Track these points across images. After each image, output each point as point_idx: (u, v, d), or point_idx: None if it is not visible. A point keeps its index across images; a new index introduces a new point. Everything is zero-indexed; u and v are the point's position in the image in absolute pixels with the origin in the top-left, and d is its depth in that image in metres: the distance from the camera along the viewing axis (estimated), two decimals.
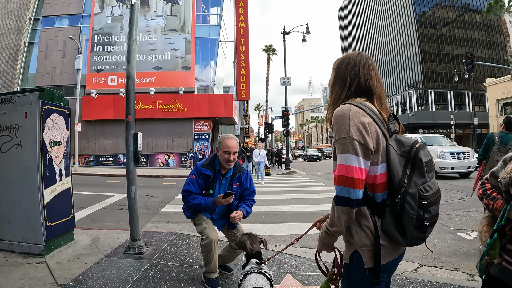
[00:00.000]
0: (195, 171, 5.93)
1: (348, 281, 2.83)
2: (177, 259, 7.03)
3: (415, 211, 2.55)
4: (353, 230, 2.71)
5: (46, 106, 7.17)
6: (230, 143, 5.79)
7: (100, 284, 5.65)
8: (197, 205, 5.74)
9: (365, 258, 2.67)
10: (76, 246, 7.68)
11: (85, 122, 40.05)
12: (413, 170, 2.63)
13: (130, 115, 7.33)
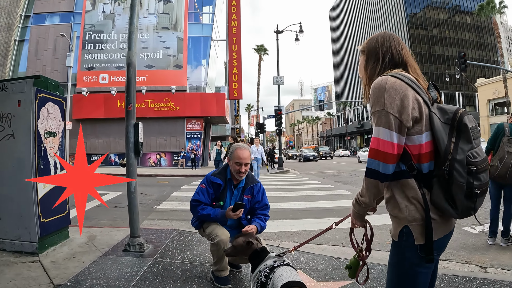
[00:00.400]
0: (205, 180, 5.65)
1: (398, 259, 2.72)
2: (181, 256, 6.66)
3: (465, 178, 2.45)
4: (401, 204, 2.61)
5: (41, 94, 6.79)
6: (242, 154, 5.53)
7: (100, 284, 5.24)
8: (205, 216, 5.43)
9: (416, 234, 2.57)
10: (72, 244, 7.27)
11: (75, 121, 39.39)
12: (459, 136, 2.53)
13: (130, 104, 6.99)
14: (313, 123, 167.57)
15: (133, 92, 7.09)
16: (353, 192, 16.38)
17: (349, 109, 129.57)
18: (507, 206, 7.51)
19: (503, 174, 7.22)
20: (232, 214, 5.20)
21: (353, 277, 3.23)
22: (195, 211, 5.51)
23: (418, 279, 2.65)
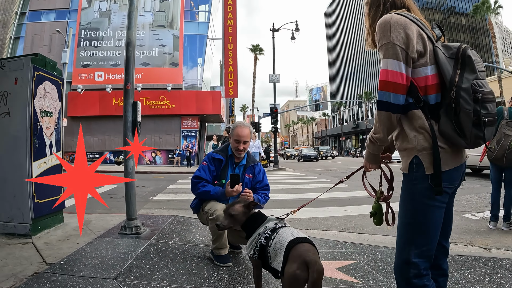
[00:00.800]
0: (207, 158, 5.60)
1: (409, 193, 2.73)
2: (179, 238, 6.52)
3: (471, 106, 2.47)
4: (410, 135, 2.66)
5: (39, 72, 6.67)
6: (241, 132, 5.49)
7: (95, 262, 5.09)
8: (205, 193, 5.29)
9: (426, 164, 2.59)
10: (66, 227, 7.12)
11: (70, 118, 39.16)
12: (464, 67, 2.56)
13: (129, 83, 6.90)
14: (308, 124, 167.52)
15: (132, 71, 7.00)
16: (350, 185, 16.30)
17: (344, 109, 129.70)
18: (508, 190, 7.48)
19: (500, 157, 7.24)
20: (230, 190, 5.09)
21: (380, 223, 3.15)
22: (195, 188, 5.37)
23: (430, 213, 2.64)
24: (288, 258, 3.13)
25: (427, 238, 2.67)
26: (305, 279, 2.99)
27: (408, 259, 2.67)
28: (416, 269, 2.65)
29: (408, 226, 2.71)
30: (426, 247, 2.67)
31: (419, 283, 2.65)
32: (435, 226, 2.68)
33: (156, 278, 4.53)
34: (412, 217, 2.69)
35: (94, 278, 4.43)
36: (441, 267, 2.95)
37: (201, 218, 5.56)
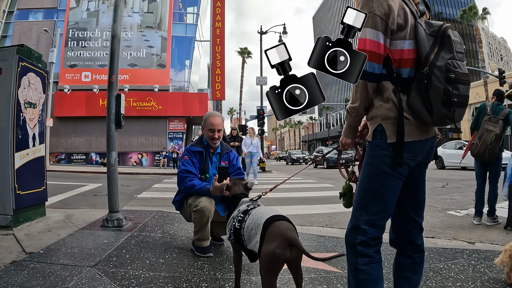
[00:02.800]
0: (186, 152, 5.53)
1: (370, 158, 2.74)
2: (161, 231, 6.50)
3: (443, 84, 2.47)
4: (376, 103, 2.68)
5: (24, 63, 6.64)
6: (214, 121, 5.51)
7: (75, 252, 5.05)
8: (191, 187, 5.20)
9: (389, 132, 2.61)
10: (48, 221, 7.05)
11: (57, 119, 38.82)
12: (442, 46, 2.57)
13: (113, 75, 6.90)
14: (295, 128, 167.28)
15: (116, 64, 6.99)
16: (334, 185, 16.35)
17: (331, 113, 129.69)
18: (492, 185, 7.56)
19: (482, 152, 7.30)
20: (219, 185, 4.82)
21: (349, 205, 3.10)
22: (182, 182, 5.28)
23: (386, 181, 2.65)
24: (265, 238, 3.04)
25: (379, 206, 2.67)
26: (285, 258, 2.93)
27: (358, 225, 2.68)
28: (364, 236, 2.65)
29: (363, 191, 2.72)
30: (377, 215, 2.67)
31: (364, 252, 2.64)
32: (390, 195, 2.68)
33: (135, 266, 4.50)
34: (369, 182, 2.70)
35: (73, 266, 4.41)
36: (415, 242, 2.93)
37: (185, 212, 5.49)
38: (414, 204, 2.91)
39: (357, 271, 2.65)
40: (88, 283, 3.87)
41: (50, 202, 9.62)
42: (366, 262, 2.64)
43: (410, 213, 2.91)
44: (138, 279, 4.06)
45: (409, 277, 2.91)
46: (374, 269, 2.65)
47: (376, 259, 2.67)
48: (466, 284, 4.14)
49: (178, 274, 4.33)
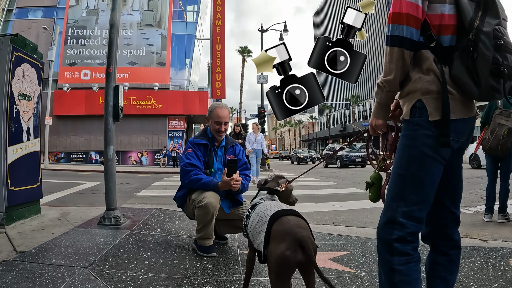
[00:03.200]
0: (189, 144, 5.16)
1: (408, 139, 2.39)
2: (160, 229, 6.17)
3: (491, 52, 2.15)
4: (415, 77, 2.34)
5: (18, 53, 6.34)
6: (221, 113, 5.17)
7: (68, 251, 4.72)
8: (197, 181, 4.84)
9: (430, 108, 2.28)
10: (43, 219, 6.72)
11: (56, 117, 38.61)
12: (486, 11, 2.25)
13: (111, 65, 6.61)
14: (295, 127, 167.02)
15: (115, 54, 6.73)
16: (338, 183, 16.08)
17: (331, 112, 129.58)
18: (504, 181, 7.30)
19: (495, 146, 7.01)
20: (227, 179, 4.70)
21: (376, 198, 2.77)
22: (187, 176, 4.90)
23: (428, 165, 2.31)
24: (271, 237, 2.66)
25: (420, 195, 2.34)
26: (297, 261, 2.48)
27: (394, 218, 2.36)
28: (401, 231, 2.32)
29: (400, 178, 2.39)
30: (417, 206, 2.34)
31: (402, 249, 2.31)
32: (431, 182, 2.35)
33: (133, 267, 4.17)
34: (407, 167, 2.37)
35: (65, 267, 4.08)
36: (452, 237, 2.60)
37: (187, 209, 5.10)
38: (451, 194, 2.57)
39: (392, 272, 2.33)
40: (80, 285, 3.55)
41: (47, 200, 9.39)
42: (404, 261, 2.31)
43: (447, 204, 2.57)
44: (136, 280, 3.73)
45: (445, 277, 2.57)
46: (412, 269, 2.32)
47: (415, 257, 2.34)
48: (489, 283, 3.88)
49: (179, 275, 3.99)
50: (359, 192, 12.86)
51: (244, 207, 5.15)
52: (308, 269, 2.60)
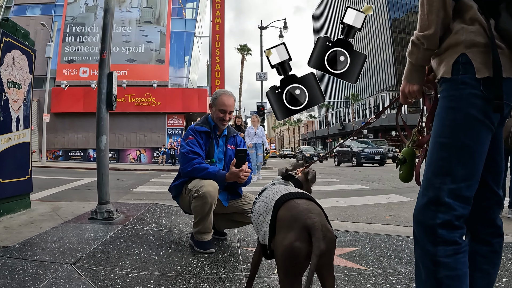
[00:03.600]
0: (190, 132, 4.80)
1: (451, 101, 1.98)
2: (156, 224, 5.82)
3: None
4: (456, 27, 1.98)
5: (8, 38, 6.01)
6: (227, 101, 4.84)
7: (55, 246, 4.38)
8: (202, 169, 4.48)
9: (477, 64, 1.89)
10: (32, 213, 6.39)
11: (54, 115, 38.42)
12: None
13: (105, 51, 6.32)
14: (294, 126, 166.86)
15: (109, 39, 6.44)
16: (340, 180, 15.78)
17: (331, 111, 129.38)
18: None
19: (505, 139, 6.71)
20: (236, 170, 4.38)
21: (407, 178, 2.41)
22: (190, 163, 4.54)
23: (476, 132, 1.93)
24: (277, 225, 2.22)
25: (469, 168, 1.93)
26: (308, 252, 1.99)
27: (438, 197, 1.94)
28: (447, 214, 1.92)
29: (444, 148, 1.99)
30: (466, 182, 1.93)
31: (448, 237, 1.91)
32: (481, 152, 1.95)
33: (123, 264, 3.81)
34: (451, 134, 1.96)
35: (49, 263, 3.72)
36: (495, 223, 2.19)
37: (183, 201, 4.75)
38: (494, 171, 2.17)
39: (436, 266, 1.91)
40: (63, 283, 3.19)
41: (40, 196, 9.06)
42: (451, 252, 1.90)
43: (489, 183, 2.15)
44: (124, 279, 3.36)
45: (487, 271, 2.16)
46: (460, 261, 1.91)
47: (463, 247, 1.93)
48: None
49: (173, 273, 3.63)
50: (362, 188, 12.63)
51: (243, 199, 4.83)
52: (323, 263, 2.07)
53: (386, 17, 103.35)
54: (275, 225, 2.23)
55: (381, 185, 13.59)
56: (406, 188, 11.33)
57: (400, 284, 3.35)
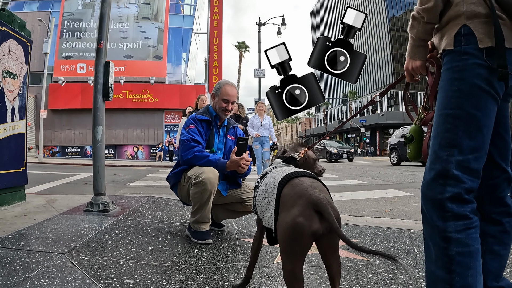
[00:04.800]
0: (191, 120, 4.73)
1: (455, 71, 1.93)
2: (152, 216, 5.73)
3: None
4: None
5: (3, 28, 5.94)
6: (231, 91, 4.81)
7: (48, 237, 4.31)
8: (202, 157, 4.43)
9: (479, 34, 1.86)
10: (27, 205, 6.30)
11: (51, 111, 38.39)
12: None
13: (102, 41, 6.25)
14: (292, 123, 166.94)
15: (106, 29, 6.37)
16: (338, 175, 15.71)
17: (328, 109, 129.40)
18: None
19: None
20: (237, 158, 4.33)
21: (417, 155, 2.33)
22: (190, 150, 4.47)
23: (483, 102, 1.87)
24: (280, 204, 2.11)
25: (476, 139, 1.87)
26: (312, 231, 1.90)
27: (446, 170, 1.88)
28: (456, 187, 1.85)
29: (450, 119, 1.92)
30: (474, 154, 1.87)
31: (458, 211, 1.84)
32: (488, 123, 1.89)
33: (117, 254, 3.72)
34: (457, 105, 1.90)
35: (41, 252, 3.64)
36: (505, 201, 2.12)
37: (181, 190, 4.68)
38: (502, 148, 2.10)
39: (447, 242, 1.84)
40: (55, 272, 3.10)
41: (37, 190, 8.99)
42: (462, 227, 1.83)
43: (497, 159, 2.10)
44: (118, 268, 3.27)
45: (498, 252, 2.10)
46: (472, 237, 1.83)
47: (474, 222, 1.86)
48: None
49: (169, 263, 3.53)
50: (360, 183, 12.58)
51: (242, 188, 4.77)
52: (329, 243, 2.00)
53: (384, 15, 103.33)
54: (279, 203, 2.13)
55: (379, 180, 13.54)
56: (404, 184, 11.29)
57: (403, 274, 3.27)
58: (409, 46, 2.17)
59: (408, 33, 2.14)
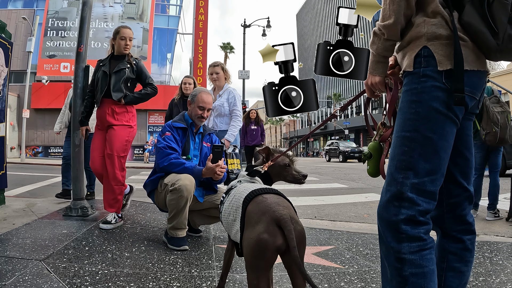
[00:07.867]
0: (167, 128, 4.81)
1: (414, 97, 1.97)
2: (130, 221, 5.80)
3: None
4: (418, 20, 1.98)
5: None
6: (206, 98, 4.90)
7: (26, 243, 4.34)
8: (178, 165, 4.49)
9: (439, 56, 1.89)
10: (6, 209, 6.30)
11: (34, 111, 38.03)
12: None
13: (82, 45, 6.26)
14: (276, 125, 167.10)
15: (86, 33, 6.39)
16: (320, 179, 15.78)
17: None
18: (493, 175, 6.92)
19: (503, 136, 6.46)
20: (212, 165, 4.38)
21: (375, 172, 2.39)
22: (166, 158, 4.52)
23: (440, 125, 1.92)
24: (246, 221, 2.21)
25: (432, 162, 1.92)
26: (276, 246, 2.02)
27: (401, 192, 1.93)
28: (411, 210, 1.90)
29: (406, 142, 1.97)
30: (429, 177, 1.92)
31: (412, 233, 1.90)
32: (445, 146, 1.94)
33: (93, 261, 3.77)
34: (414, 127, 1.95)
35: (19, 259, 3.68)
36: (466, 219, 2.18)
37: (158, 197, 4.73)
38: (463, 167, 2.16)
39: (401, 263, 1.89)
40: (31, 280, 3.14)
41: (17, 193, 8.96)
42: (415, 248, 1.88)
43: (458, 179, 2.15)
44: (94, 276, 3.32)
45: (460, 269, 2.15)
46: (426, 258, 1.89)
47: (429, 243, 1.92)
48: (490, 278, 3.59)
49: (144, 270, 3.59)
50: (341, 187, 12.66)
51: (219, 194, 4.84)
52: (295, 256, 1.99)
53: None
54: (244, 220, 2.22)
55: (360, 184, 13.63)
56: None
57: (375, 283, 3.35)
58: (369, 61, 2.21)
59: (370, 61, 2.20)
